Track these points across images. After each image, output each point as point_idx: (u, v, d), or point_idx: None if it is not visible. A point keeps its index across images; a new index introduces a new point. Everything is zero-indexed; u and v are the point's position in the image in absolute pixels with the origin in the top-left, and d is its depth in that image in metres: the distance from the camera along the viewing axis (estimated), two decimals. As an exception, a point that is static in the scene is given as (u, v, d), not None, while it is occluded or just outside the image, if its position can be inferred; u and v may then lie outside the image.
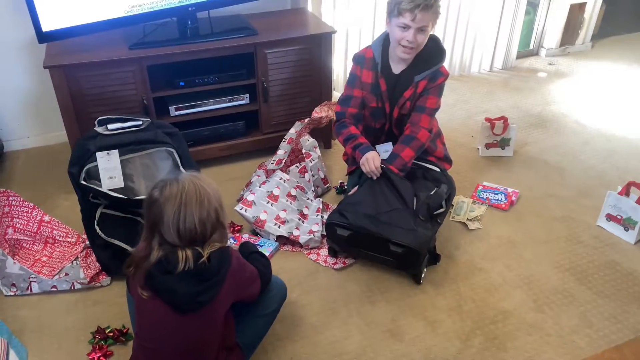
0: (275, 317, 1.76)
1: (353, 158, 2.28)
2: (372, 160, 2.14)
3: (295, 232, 2.26)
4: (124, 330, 1.86)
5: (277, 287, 1.73)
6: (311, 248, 2.25)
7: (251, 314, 1.66)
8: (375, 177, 2.15)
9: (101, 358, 1.77)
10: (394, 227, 1.99)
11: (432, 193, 2.12)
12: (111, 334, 1.84)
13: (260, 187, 2.34)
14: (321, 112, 2.61)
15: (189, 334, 1.44)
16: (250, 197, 2.29)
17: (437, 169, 2.28)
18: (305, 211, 2.37)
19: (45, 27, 2.27)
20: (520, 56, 4.10)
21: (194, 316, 1.42)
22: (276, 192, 2.33)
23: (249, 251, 1.73)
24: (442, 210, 2.12)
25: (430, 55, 2.14)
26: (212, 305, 1.42)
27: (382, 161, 2.17)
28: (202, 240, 1.42)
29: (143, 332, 1.52)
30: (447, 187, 2.19)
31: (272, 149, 2.63)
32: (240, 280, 1.52)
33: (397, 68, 2.18)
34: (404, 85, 2.17)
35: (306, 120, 2.58)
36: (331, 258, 2.19)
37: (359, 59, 2.23)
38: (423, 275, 2.07)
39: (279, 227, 2.26)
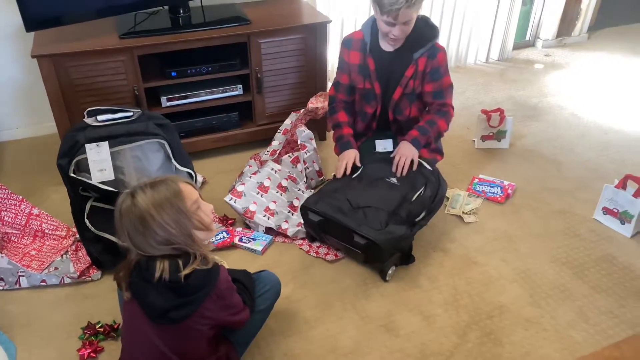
0: (269, 313, 1.73)
1: None
2: (344, 164, 2.16)
3: (284, 225, 2.23)
4: (115, 326, 1.82)
5: (271, 283, 1.70)
6: (301, 238, 2.23)
7: (245, 311, 1.63)
8: (339, 176, 2.16)
9: (91, 354, 1.74)
10: (362, 221, 1.97)
11: (414, 199, 2.07)
12: (102, 330, 1.81)
13: (250, 177, 2.30)
14: (317, 103, 2.58)
15: (163, 344, 1.38)
16: (240, 188, 2.26)
17: (429, 167, 2.20)
18: (296, 203, 2.34)
19: (33, 14, 2.21)
20: (516, 47, 4.07)
21: (169, 328, 1.36)
22: (267, 183, 2.30)
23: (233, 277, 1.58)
24: (423, 215, 2.08)
25: (422, 33, 2.14)
26: (187, 323, 1.35)
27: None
28: (178, 254, 1.34)
29: (124, 334, 1.49)
30: (431, 191, 2.11)
31: (267, 141, 2.60)
32: (223, 307, 1.43)
33: (388, 47, 2.17)
34: (404, 64, 2.16)
35: (302, 111, 2.54)
36: (323, 249, 2.17)
37: (346, 42, 2.23)
38: (390, 272, 2.04)
39: (268, 218, 2.23)
